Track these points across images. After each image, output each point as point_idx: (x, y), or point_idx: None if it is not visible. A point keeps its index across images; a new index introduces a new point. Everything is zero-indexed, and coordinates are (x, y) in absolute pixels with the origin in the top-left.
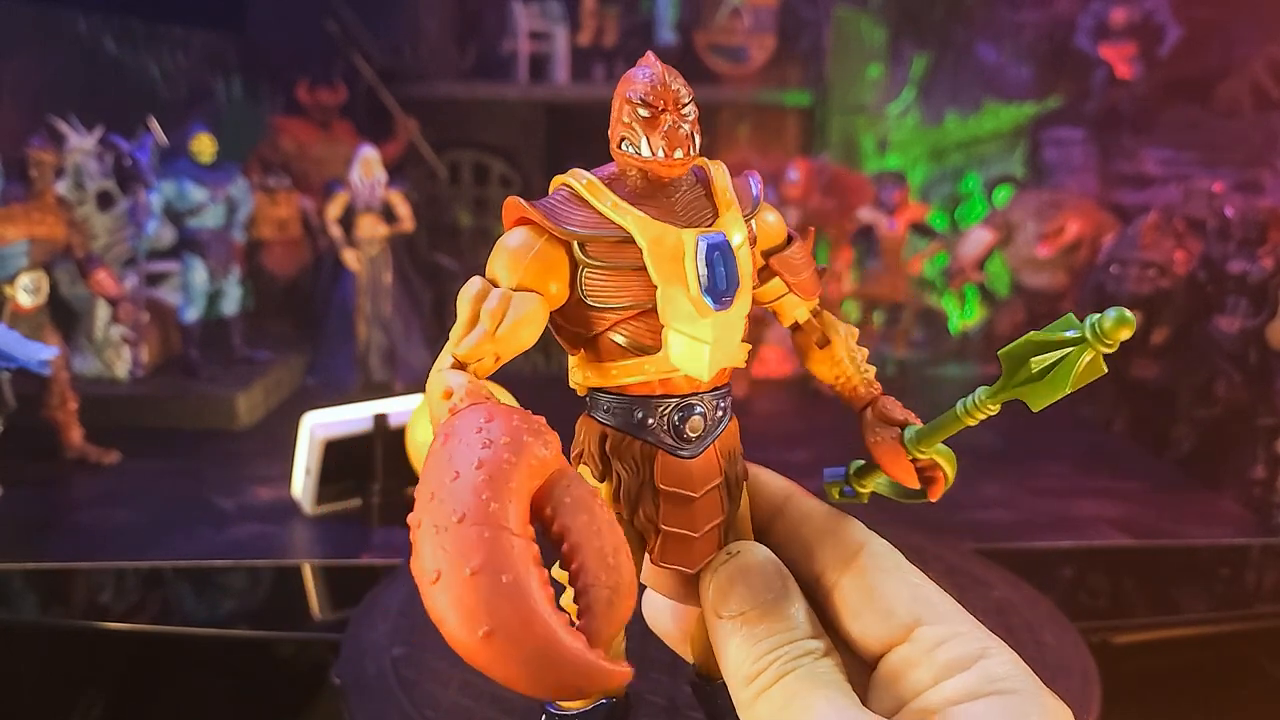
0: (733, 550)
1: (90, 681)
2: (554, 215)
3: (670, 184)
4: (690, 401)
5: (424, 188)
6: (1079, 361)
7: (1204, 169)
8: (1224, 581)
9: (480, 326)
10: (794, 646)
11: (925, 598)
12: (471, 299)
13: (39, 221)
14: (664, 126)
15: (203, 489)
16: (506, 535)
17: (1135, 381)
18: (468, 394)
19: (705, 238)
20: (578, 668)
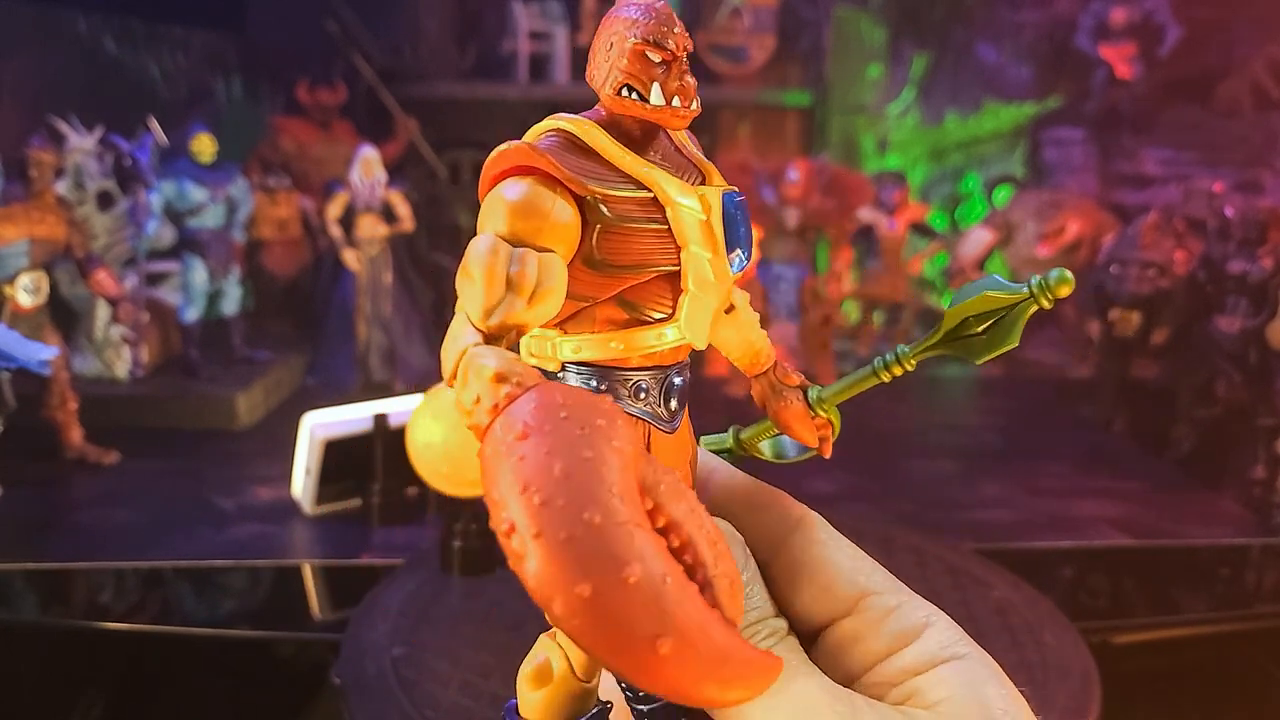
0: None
1: (90, 681)
2: (568, 166)
3: (656, 139)
4: (672, 373)
5: (424, 188)
6: (1025, 315)
7: (1204, 169)
8: (1224, 582)
9: (512, 293)
10: (765, 624)
11: (865, 569)
12: (494, 261)
13: (39, 221)
14: (676, 74)
15: (203, 489)
16: (647, 533)
17: (1135, 381)
18: (525, 375)
19: (730, 194)
20: (756, 665)
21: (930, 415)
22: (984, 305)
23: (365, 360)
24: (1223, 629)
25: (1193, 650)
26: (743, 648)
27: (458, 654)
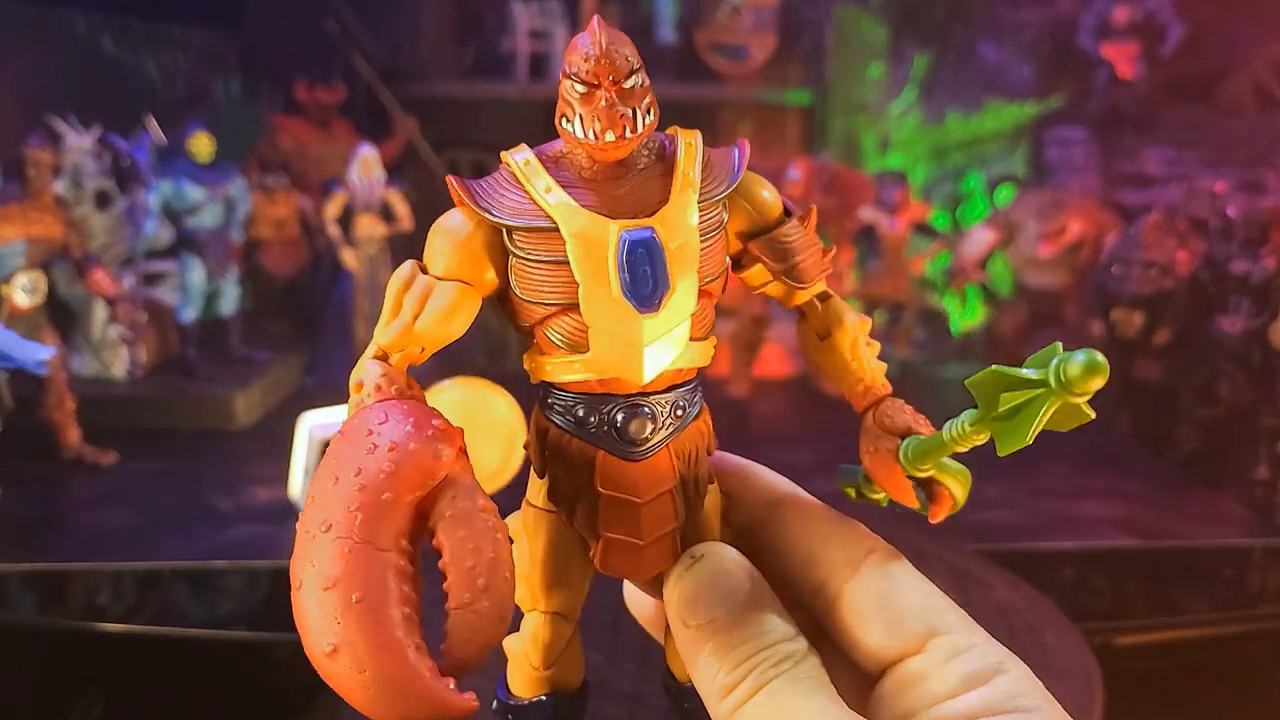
0: (696, 554)
1: (88, 683)
2: (484, 198)
3: (621, 164)
4: (636, 402)
5: (423, 187)
6: (1043, 410)
7: (1206, 169)
8: (1226, 582)
9: (400, 317)
10: (771, 652)
11: (938, 607)
12: (398, 286)
13: (36, 221)
14: (597, 104)
15: (201, 489)
16: (369, 550)
17: (1137, 382)
18: (375, 389)
19: (629, 233)
20: (417, 696)
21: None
22: (999, 381)
23: None
24: (1225, 630)
25: (1195, 651)
26: (407, 677)
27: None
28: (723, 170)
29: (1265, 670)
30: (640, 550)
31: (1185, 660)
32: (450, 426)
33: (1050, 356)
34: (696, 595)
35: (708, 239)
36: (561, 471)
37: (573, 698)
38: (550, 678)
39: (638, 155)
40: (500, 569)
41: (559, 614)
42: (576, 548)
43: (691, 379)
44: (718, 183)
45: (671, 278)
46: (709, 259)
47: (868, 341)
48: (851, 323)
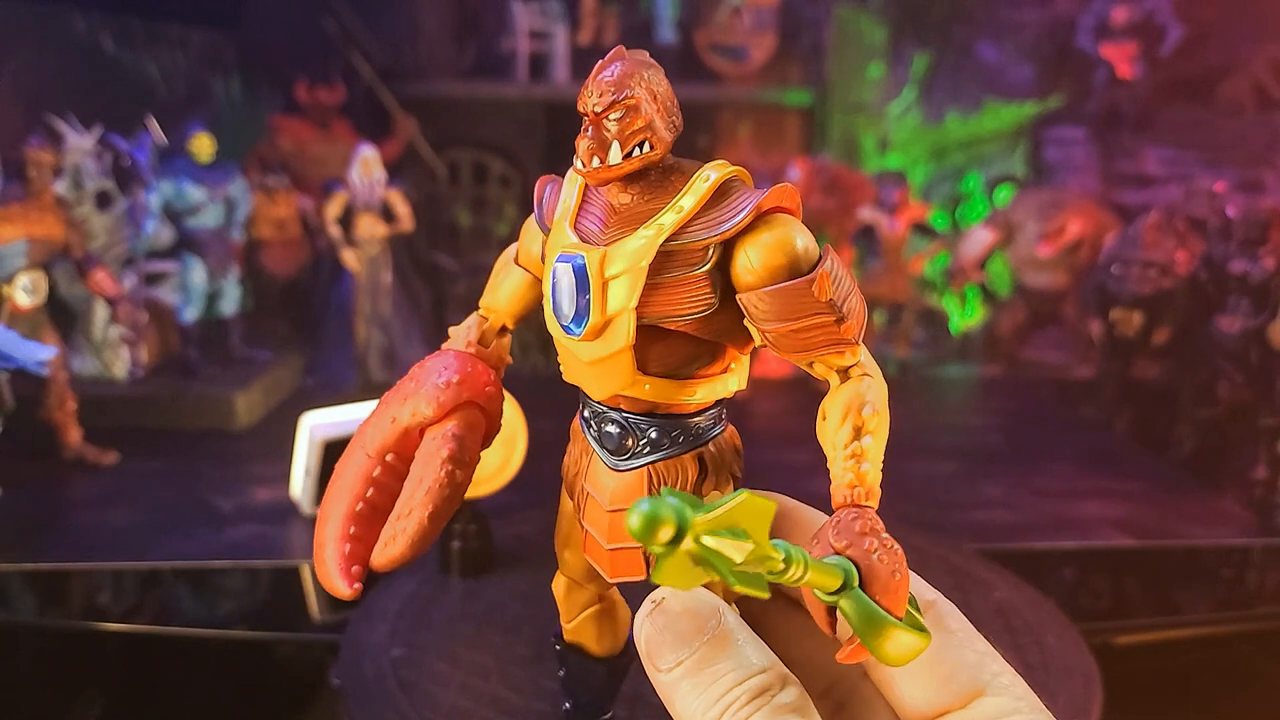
0: (655, 599)
1: (88, 683)
2: (544, 198)
3: (626, 190)
4: (606, 412)
5: (423, 187)
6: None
7: (1206, 169)
8: (1226, 582)
9: (489, 285)
10: (746, 686)
11: (992, 669)
12: (499, 260)
13: (37, 221)
14: (584, 132)
15: (201, 489)
16: (359, 450)
17: (1137, 381)
18: (452, 339)
19: (561, 258)
20: (319, 563)
21: (931, 415)
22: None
23: (364, 360)
24: (1225, 630)
25: (1195, 651)
26: (319, 544)
27: (457, 655)
28: (729, 212)
29: (1265, 670)
30: (605, 552)
31: (1185, 660)
32: (464, 384)
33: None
34: (662, 639)
35: (674, 277)
36: (572, 455)
37: (592, 660)
38: (572, 631)
39: (648, 180)
40: (426, 505)
41: (570, 578)
42: (577, 524)
43: (682, 413)
44: (714, 224)
45: (596, 308)
46: (671, 297)
47: (856, 451)
48: (843, 413)
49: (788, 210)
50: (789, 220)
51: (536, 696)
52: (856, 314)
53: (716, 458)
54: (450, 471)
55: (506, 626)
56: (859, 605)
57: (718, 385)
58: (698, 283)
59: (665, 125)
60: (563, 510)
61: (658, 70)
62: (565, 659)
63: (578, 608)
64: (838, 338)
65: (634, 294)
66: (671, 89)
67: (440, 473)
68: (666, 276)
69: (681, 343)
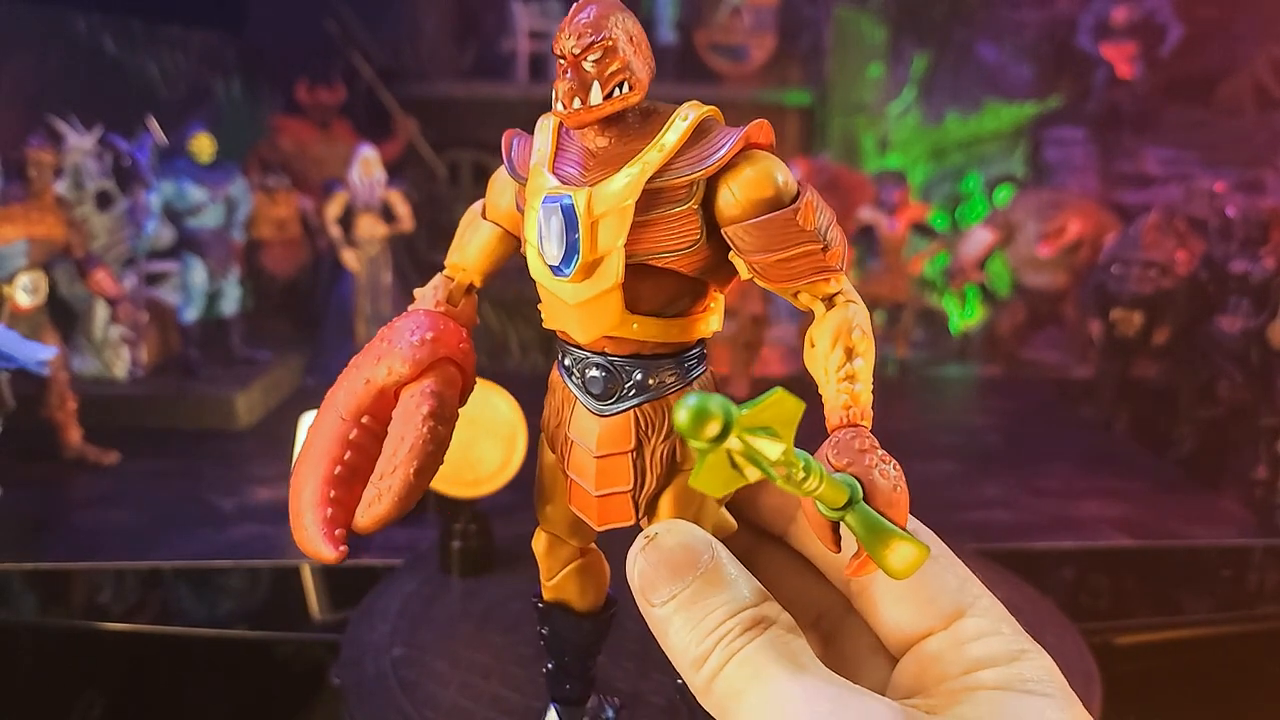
0: (649, 534)
1: (89, 682)
2: (515, 150)
3: (604, 132)
4: (589, 357)
5: (423, 187)
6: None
7: (1205, 168)
8: (1226, 582)
9: (455, 243)
10: (740, 618)
11: (972, 592)
12: (465, 218)
13: (38, 221)
14: (562, 75)
15: (202, 489)
16: (334, 416)
17: (1137, 381)
18: (421, 298)
19: (549, 198)
20: (299, 530)
21: (931, 415)
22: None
23: None
24: (1225, 630)
25: (1194, 651)
26: (295, 508)
27: (457, 654)
28: (711, 149)
29: (1265, 670)
30: (592, 500)
31: (1184, 660)
32: (438, 341)
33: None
34: (656, 574)
35: (660, 214)
36: (552, 406)
37: (576, 615)
38: (553, 589)
39: (626, 123)
40: (410, 461)
41: (552, 533)
42: (560, 476)
43: (667, 354)
44: (696, 160)
45: (585, 246)
46: (658, 234)
47: (848, 373)
48: (832, 336)
49: (764, 146)
50: (767, 155)
51: (536, 696)
52: (839, 242)
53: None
54: (433, 427)
55: (506, 626)
56: (864, 519)
57: (700, 324)
58: (684, 218)
59: (642, 66)
60: (543, 463)
61: (630, 14)
62: (548, 617)
63: (560, 563)
64: (823, 264)
65: (622, 231)
66: (644, 32)
67: (423, 429)
68: (653, 214)
69: (667, 280)
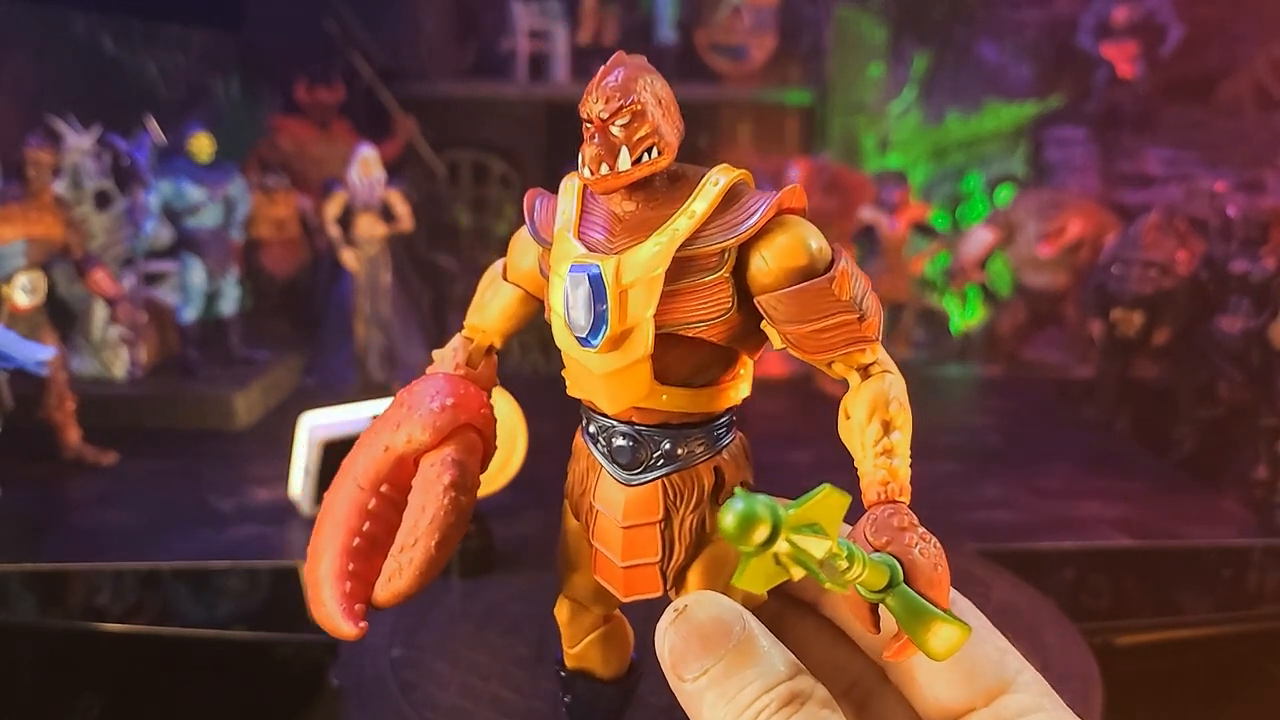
0: (678, 607)
1: (88, 683)
2: (538, 211)
3: (631, 197)
4: (615, 426)
5: (423, 187)
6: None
7: (1206, 168)
8: (1226, 583)
9: (475, 305)
10: (775, 694)
11: (1011, 664)
12: (484, 279)
13: (36, 221)
14: (589, 139)
15: (201, 490)
16: (352, 485)
17: (1137, 381)
18: (440, 360)
19: (576, 267)
20: (318, 604)
21: (931, 415)
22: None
23: (363, 360)
24: (1225, 630)
25: (1195, 651)
26: (315, 585)
27: (456, 655)
28: (742, 215)
29: (1264, 670)
30: (618, 571)
31: (1184, 660)
32: (459, 407)
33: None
34: (687, 649)
35: (691, 283)
36: (576, 473)
37: (600, 684)
38: (576, 656)
39: (653, 188)
40: (432, 534)
41: (575, 600)
42: (585, 544)
43: (695, 423)
44: (727, 228)
45: (614, 317)
46: (688, 304)
47: (886, 447)
48: (867, 411)
49: (797, 211)
50: (800, 221)
51: (536, 696)
52: (875, 311)
53: (731, 466)
54: (454, 498)
55: (506, 626)
56: (905, 600)
57: (730, 392)
58: (715, 287)
59: (671, 130)
60: (568, 530)
61: (658, 75)
62: (571, 686)
63: (583, 631)
64: (859, 335)
65: (652, 301)
66: (673, 94)
67: (444, 500)
68: (683, 282)
69: (697, 350)
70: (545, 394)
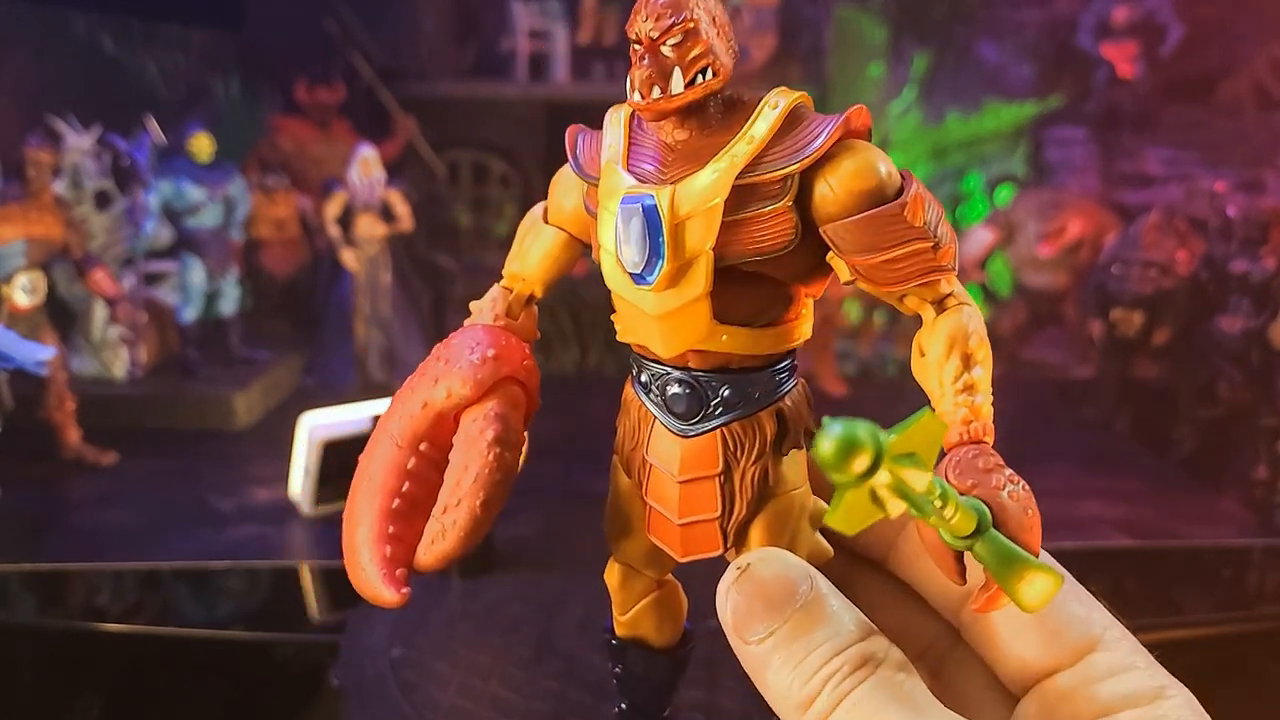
0: (740, 564)
1: (88, 684)
2: (581, 147)
3: (683, 124)
4: (670, 373)
5: (423, 187)
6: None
7: (1206, 168)
8: (1226, 583)
9: (514, 253)
10: (846, 656)
11: (1101, 622)
12: (524, 224)
13: (36, 221)
14: (639, 62)
15: (200, 490)
16: (390, 444)
17: (1137, 381)
18: (479, 312)
19: (628, 199)
20: (357, 571)
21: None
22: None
23: (364, 360)
24: (1225, 630)
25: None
26: (353, 548)
27: (456, 655)
28: (804, 139)
29: (1265, 670)
30: (674, 529)
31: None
32: (500, 359)
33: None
34: (751, 609)
35: (752, 213)
36: (626, 427)
37: (653, 652)
38: (628, 624)
39: (708, 114)
40: (477, 492)
41: (627, 564)
42: (638, 503)
43: (756, 366)
44: (789, 152)
45: (670, 251)
46: (749, 236)
47: (967, 383)
48: (945, 346)
49: (863, 134)
50: (868, 145)
51: (536, 696)
52: (950, 239)
53: (794, 413)
54: (499, 454)
55: (507, 627)
56: (995, 547)
57: (794, 332)
58: (778, 216)
59: (726, 51)
60: (617, 490)
61: None
62: (623, 655)
63: (635, 597)
64: (934, 265)
65: (711, 233)
66: (726, 14)
67: (488, 456)
68: (744, 213)
69: (758, 286)
70: (545, 394)
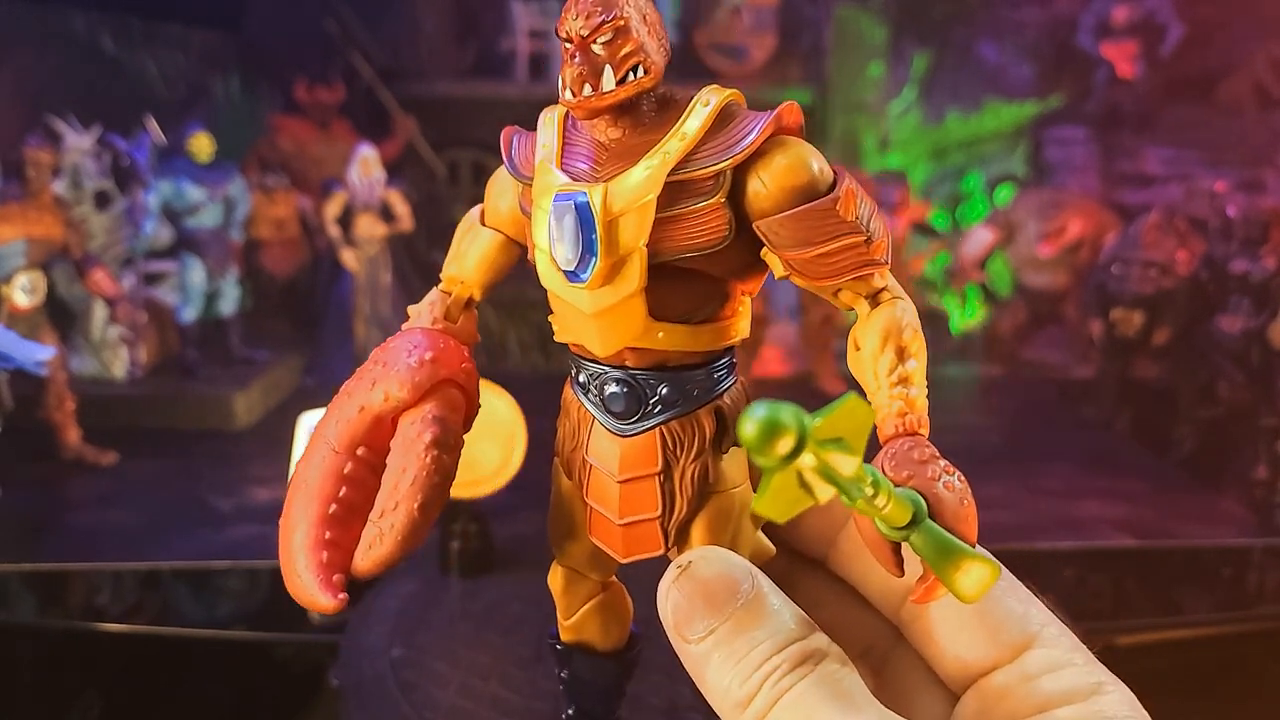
0: (681, 563)
1: (87, 683)
2: (516, 149)
3: (616, 122)
4: (607, 372)
5: (422, 187)
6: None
7: (1206, 168)
8: (1226, 582)
9: (451, 256)
10: (786, 654)
11: (1036, 617)
12: (461, 227)
13: (36, 221)
14: (570, 60)
15: (200, 489)
16: (324, 446)
17: (1137, 381)
18: (417, 315)
19: (561, 196)
20: (293, 578)
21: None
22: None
23: (363, 360)
24: (1225, 630)
25: (1195, 651)
26: (289, 556)
27: (456, 655)
28: (736, 136)
29: (1266, 669)
30: (615, 529)
31: (1185, 660)
32: (438, 362)
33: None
34: (692, 607)
35: (685, 209)
36: (566, 428)
37: (599, 657)
38: (573, 628)
39: (640, 112)
40: (415, 496)
41: (571, 568)
42: (579, 504)
43: (694, 364)
44: (722, 149)
45: (603, 248)
46: (682, 232)
47: (901, 375)
48: (880, 337)
49: (794, 130)
50: (799, 141)
51: (536, 696)
52: (883, 233)
53: (733, 410)
54: (436, 457)
55: (506, 626)
56: (931, 537)
57: (730, 329)
58: (711, 212)
59: (657, 49)
60: (559, 492)
61: None
62: (568, 660)
63: (579, 600)
64: (867, 259)
65: (644, 230)
66: (659, 13)
67: (425, 459)
68: (677, 209)
69: (693, 283)
70: (545, 394)
